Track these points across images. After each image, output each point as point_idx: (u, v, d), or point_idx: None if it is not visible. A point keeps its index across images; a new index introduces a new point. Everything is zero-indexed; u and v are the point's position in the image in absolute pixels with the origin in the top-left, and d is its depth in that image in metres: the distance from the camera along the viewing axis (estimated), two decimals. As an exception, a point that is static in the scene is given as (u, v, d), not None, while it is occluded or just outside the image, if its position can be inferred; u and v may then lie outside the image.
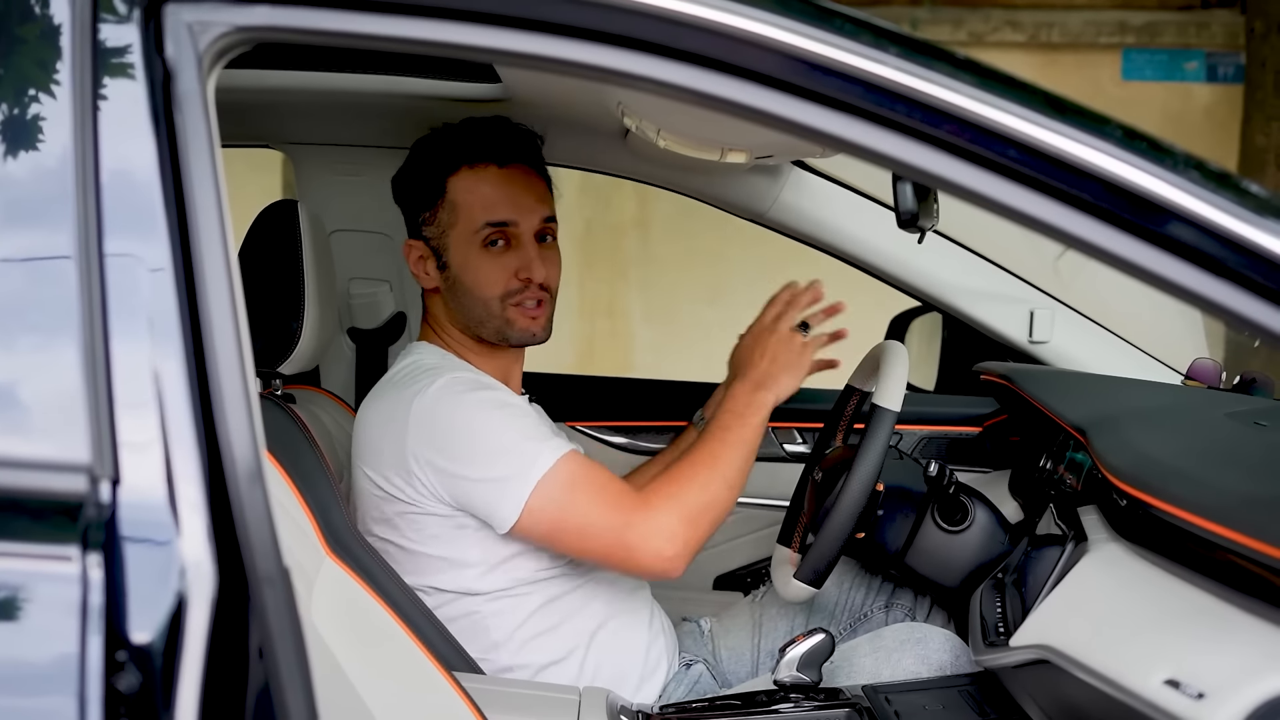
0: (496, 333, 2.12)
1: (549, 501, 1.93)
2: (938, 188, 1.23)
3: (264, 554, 1.09)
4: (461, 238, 2.09)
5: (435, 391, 1.98)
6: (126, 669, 1.03)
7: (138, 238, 1.12)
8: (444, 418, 1.96)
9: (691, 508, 1.97)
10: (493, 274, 2.08)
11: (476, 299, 2.10)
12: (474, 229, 2.08)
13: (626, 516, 1.95)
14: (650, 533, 1.94)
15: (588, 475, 1.99)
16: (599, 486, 1.98)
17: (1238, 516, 1.35)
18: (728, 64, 1.17)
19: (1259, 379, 2.46)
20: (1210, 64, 7.28)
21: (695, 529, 1.97)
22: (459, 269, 2.10)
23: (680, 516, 1.96)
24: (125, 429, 1.08)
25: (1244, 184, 1.19)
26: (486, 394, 2.03)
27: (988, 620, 1.87)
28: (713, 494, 2.00)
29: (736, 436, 2.06)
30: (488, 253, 2.09)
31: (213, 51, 1.17)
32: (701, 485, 1.99)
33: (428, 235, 2.13)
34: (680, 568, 1.97)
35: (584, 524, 1.96)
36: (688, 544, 1.96)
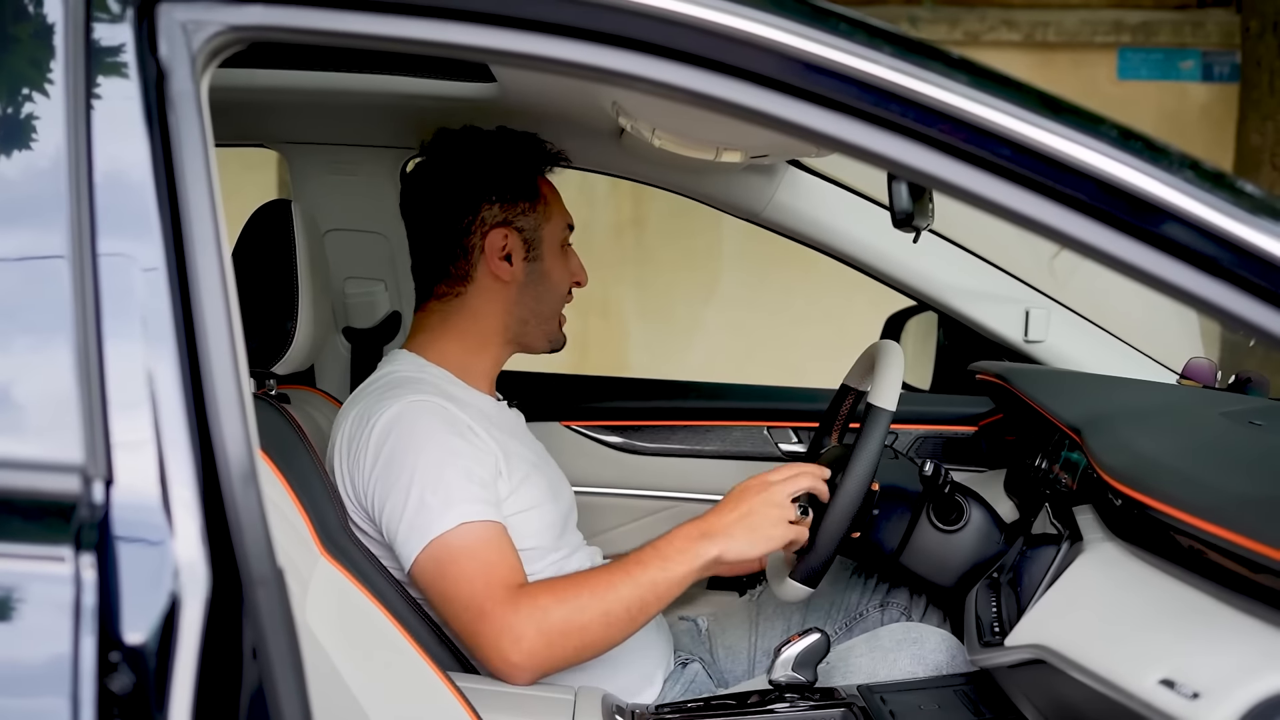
0: (549, 335, 2.20)
1: (432, 565, 1.88)
2: (933, 187, 1.23)
3: (257, 555, 1.09)
4: (552, 234, 2.16)
5: (398, 412, 1.96)
6: (120, 670, 1.02)
7: (131, 237, 1.11)
8: (394, 441, 1.94)
9: (554, 626, 1.83)
10: (564, 274, 2.19)
11: (555, 295, 2.18)
12: (561, 227, 2.18)
13: (487, 607, 1.84)
14: (500, 631, 1.82)
15: (474, 552, 1.88)
16: (480, 567, 1.87)
17: (1233, 516, 1.35)
18: (723, 64, 1.17)
19: (1254, 378, 2.47)
20: (1206, 63, 7.29)
21: (551, 648, 1.83)
22: (550, 263, 2.16)
23: (539, 629, 1.82)
24: (118, 429, 1.08)
25: (1239, 184, 1.19)
26: (441, 433, 1.96)
27: (983, 620, 1.87)
28: (585, 621, 1.84)
29: (649, 576, 1.88)
30: (564, 253, 2.19)
31: (206, 51, 1.17)
32: (578, 608, 1.85)
33: (522, 227, 2.13)
34: (523, 678, 1.84)
35: (450, 598, 1.88)
36: (536, 658, 1.83)
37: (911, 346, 2.88)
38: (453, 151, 2.14)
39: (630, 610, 1.87)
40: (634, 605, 1.87)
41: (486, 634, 1.84)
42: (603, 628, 1.86)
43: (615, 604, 1.86)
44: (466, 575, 1.86)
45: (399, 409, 1.97)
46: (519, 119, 2.18)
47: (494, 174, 2.12)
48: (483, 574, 1.86)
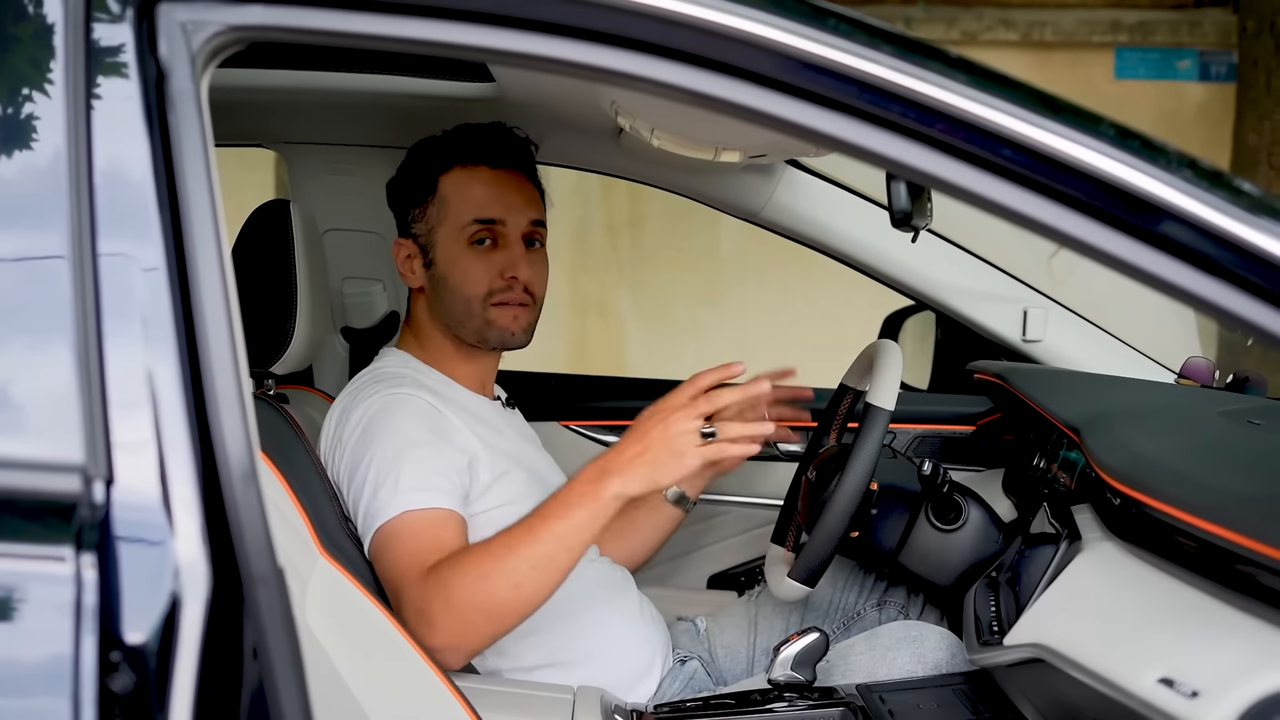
0: (476, 333, 2.11)
1: (377, 551, 1.88)
2: (931, 186, 1.23)
3: (258, 554, 1.09)
4: (449, 235, 2.10)
5: (374, 404, 1.99)
6: (121, 669, 1.03)
7: (131, 237, 1.12)
8: (367, 430, 1.96)
9: (455, 600, 1.77)
10: (477, 272, 2.09)
11: (460, 297, 2.10)
12: (461, 225, 2.09)
13: (402, 589, 1.82)
14: (416, 615, 1.78)
15: (410, 538, 1.85)
16: (408, 552, 1.84)
17: (1232, 515, 1.35)
18: (722, 63, 1.17)
19: (1252, 377, 2.47)
20: (1203, 63, 7.29)
21: (462, 621, 1.77)
22: (445, 266, 2.10)
23: (445, 605, 1.77)
24: (119, 429, 1.08)
25: (1237, 182, 1.19)
26: (412, 424, 1.96)
27: (982, 619, 1.87)
28: (490, 588, 1.77)
29: (553, 530, 1.80)
30: (474, 250, 2.09)
31: (206, 51, 1.17)
32: (477, 578, 1.77)
33: (416, 233, 2.14)
34: (450, 659, 1.78)
35: (387, 583, 1.87)
36: (452, 635, 1.77)
37: (909, 346, 2.88)
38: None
39: (538, 568, 1.79)
40: (541, 562, 1.79)
41: (408, 619, 1.78)
42: (511, 590, 1.78)
43: (520, 564, 1.78)
44: (396, 559, 1.85)
45: (372, 402, 1.99)
46: (517, 118, 2.18)
47: (396, 181, 2.18)
48: (409, 558, 1.83)
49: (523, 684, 1.95)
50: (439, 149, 2.13)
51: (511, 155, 2.14)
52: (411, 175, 2.15)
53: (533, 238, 2.14)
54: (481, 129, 2.15)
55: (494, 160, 2.11)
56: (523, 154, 2.16)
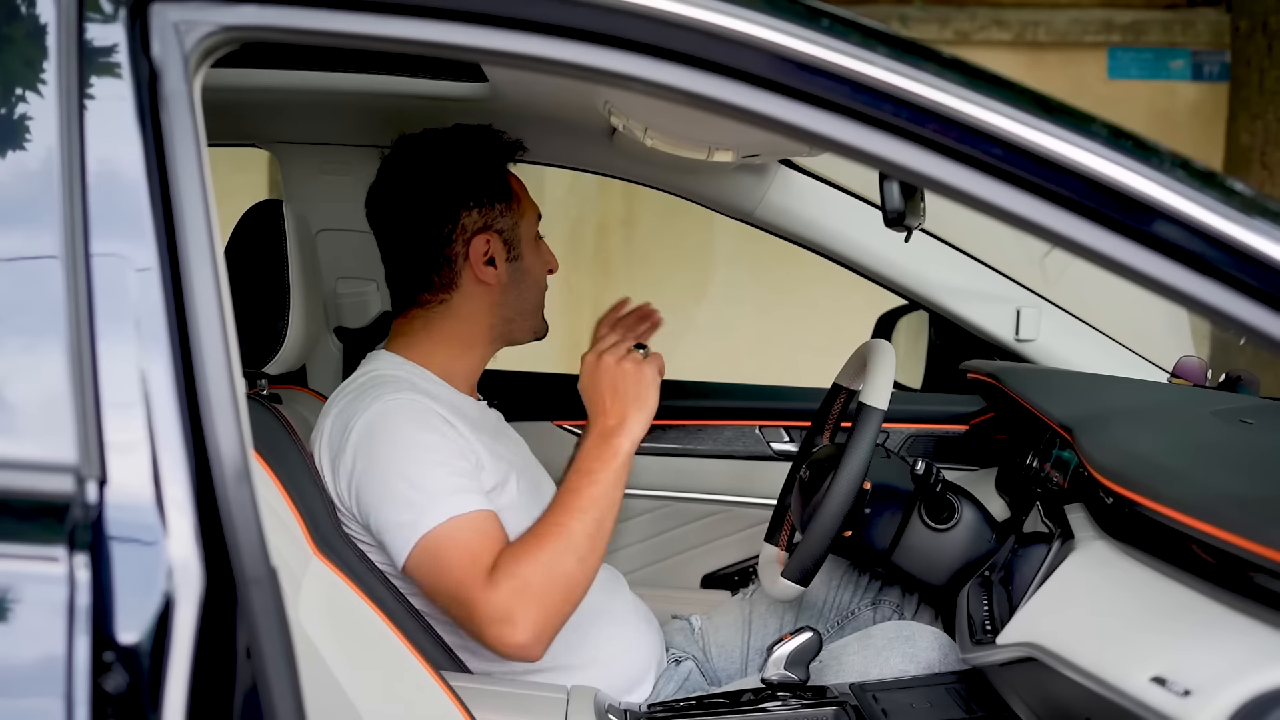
0: (535, 326, 2.20)
1: (425, 559, 1.88)
2: (925, 186, 1.23)
3: (251, 554, 1.09)
4: (528, 229, 2.16)
5: (377, 413, 1.96)
6: (114, 670, 1.02)
7: (124, 237, 1.11)
8: (375, 442, 1.93)
9: (536, 590, 1.83)
10: (541, 266, 2.19)
11: (537, 289, 2.19)
12: (533, 220, 2.18)
13: (471, 596, 1.84)
14: (491, 619, 1.83)
15: (462, 544, 1.87)
16: (467, 559, 1.86)
17: (1225, 514, 1.35)
18: (716, 63, 1.17)
19: (1245, 377, 2.47)
20: (1196, 62, 7.30)
21: (544, 611, 1.84)
22: (530, 259, 2.16)
23: (525, 601, 1.82)
24: (112, 429, 1.08)
25: (1230, 183, 1.19)
26: (421, 430, 1.96)
27: (974, 618, 1.87)
28: (561, 571, 1.86)
29: (587, 499, 1.91)
30: (538, 245, 2.19)
31: (199, 51, 1.17)
32: (547, 564, 1.85)
33: (502, 227, 2.11)
34: (535, 652, 1.84)
35: (440, 592, 1.89)
36: (537, 626, 1.83)
37: (903, 345, 2.88)
38: (420, 160, 2.11)
39: (592, 539, 1.90)
40: (592, 532, 1.90)
41: (481, 624, 1.84)
42: (579, 566, 1.88)
43: (578, 539, 1.88)
44: (454, 566, 1.86)
45: (376, 410, 1.96)
46: (511, 118, 2.18)
47: (468, 178, 2.10)
48: (470, 564, 1.86)
49: (517, 683, 1.95)
50: (503, 146, 2.15)
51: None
52: (482, 170, 2.11)
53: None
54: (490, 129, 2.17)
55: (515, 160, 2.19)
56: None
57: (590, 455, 1.96)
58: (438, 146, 2.12)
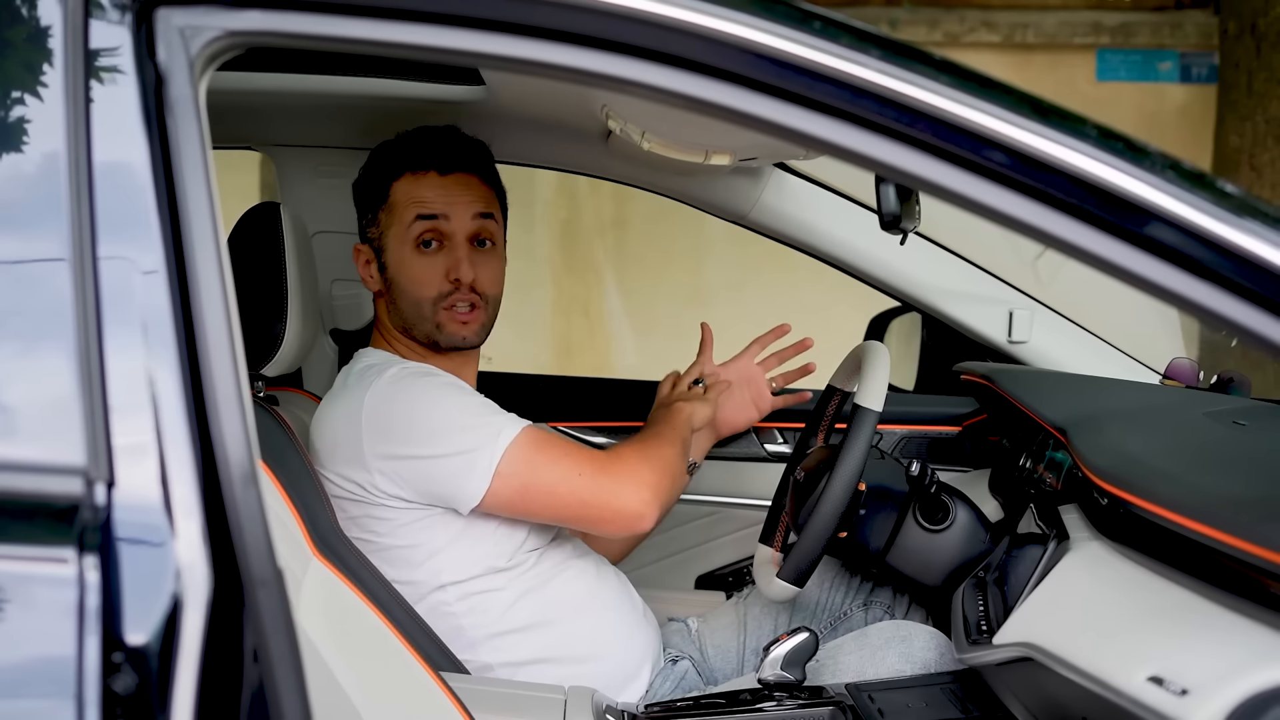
0: (427, 335, 2.14)
1: (519, 465, 1.97)
2: (920, 189, 1.24)
3: (258, 556, 1.10)
4: (397, 238, 2.12)
5: (385, 383, 2.02)
6: (123, 670, 1.03)
7: (131, 240, 1.12)
8: (399, 405, 1.99)
9: (657, 465, 2.10)
10: (424, 274, 2.11)
11: (410, 300, 2.12)
12: (406, 225, 2.10)
13: (596, 468, 2.04)
14: (622, 481, 2.04)
15: (551, 439, 2.06)
16: (563, 448, 2.06)
17: (1220, 515, 1.36)
18: (712, 67, 1.17)
19: (1236, 378, 2.48)
20: (1184, 64, 7.32)
21: (661, 483, 2.08)
22: (395, 270, 2.13)
23: (651, 467, 2.08)
24: (120, 432, 1.08)
25: (1220, 184, 1.20)
26: (437, 378, 2.06)
27: (970, 618, 1.88)
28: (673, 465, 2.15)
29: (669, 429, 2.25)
30: (420, 254, 2.11)
31: (204, 56, 1.17)
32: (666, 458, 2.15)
33: (371, 237, 2.17)
34: (652, 519, 2.06)
35: (554, 482, 2.01)
36: (658, 495, 2.06)
37: (895, 347, 2.89)
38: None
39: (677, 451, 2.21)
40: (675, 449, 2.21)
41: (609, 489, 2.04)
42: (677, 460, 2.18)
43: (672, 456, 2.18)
44: (557, 459, 2.02)
45: (392, 373, 2.02)
46: (507, 121, 2.18)
47: (358, 186, 2.20)
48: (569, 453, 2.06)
49: (515, 684, 1.96)
50: (392, 155, 2.14)
51: (463, 159, 2.14)
52: (367, 180, 2.18)
53: (481, 237, 2.14)
54: (433, 134, 2.15)
55: (443, 165, 2.12)
56: (474, 156, 2.16)
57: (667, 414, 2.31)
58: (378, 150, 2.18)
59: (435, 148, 2.13)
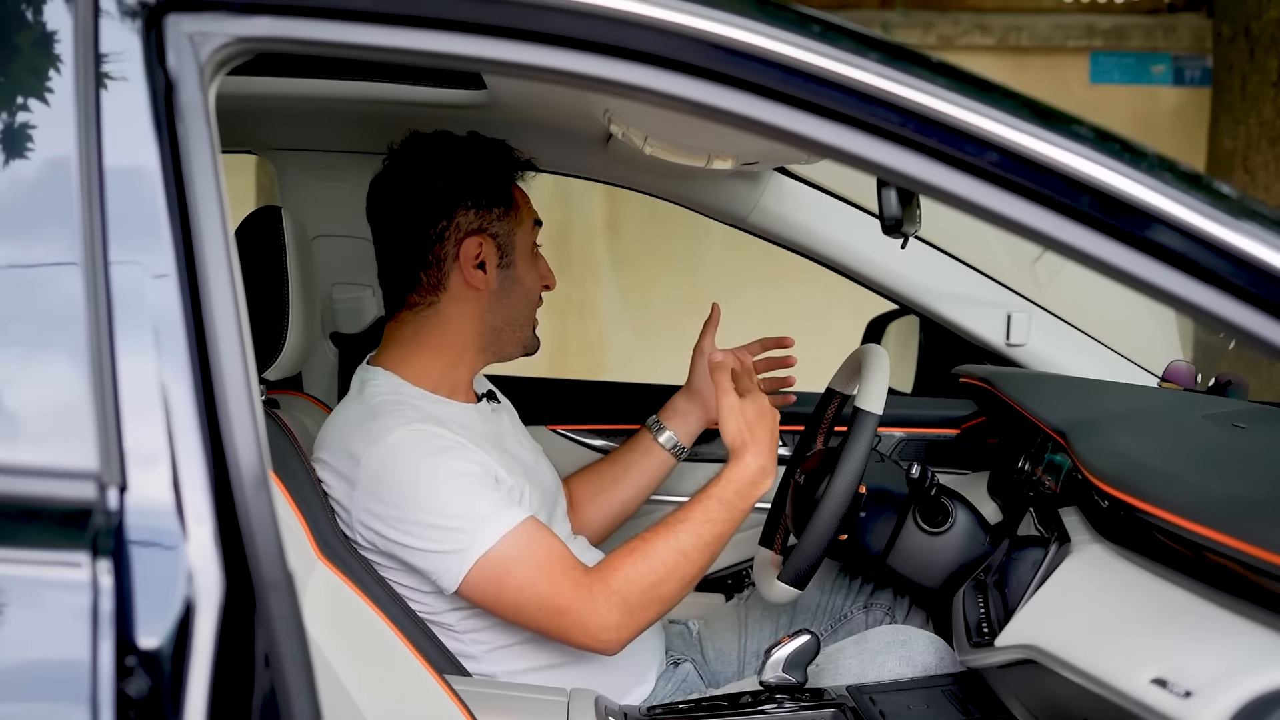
0: (523, 341, 2.17)
1: (487, 580, 1.89)
2: (921, 192, 1.24)
3: (269, 560, 1.10)
4: (524, 240, 2.14)
5: (388, 448, 1.93)
6: (136, 674, 1.03)
7: (142, 245, 1.12)
8: (393, 480, 1.93)
9: (635, 602, 1.93)
10: (535, 279, 2.17)
11: (528, 301, 2.15)
12: (529, 230, 2.15)
13: (561, 603, 1.90)
14: (584, 620, 1.91)
15: (530, 551, 1.91)
16: (540, 564, 1.91)
17: (1221, 517, 1.37)
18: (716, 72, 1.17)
19: (1234, 381, 2.49)
20: (1177, 67, 7.34)
21: (634, 618, 1.94)
22: (523, 269, 2.13)
23: (622, 609, 1.92)
24: (132, 436, 1.08)
25: (1216, 185, 1.21)
26: (440, 460, 1.94)
27: (971, 621, 1.89)
28: (664, 593, 1.96)
29: (720, 531, 2.00)
30: (534, 257, 2.17)
31: (214, 62, 1.17)
32: (655, 583, 1.94)
33: (497, 232, 2.09)
34: (615, 649, 1.95)
35: (519, 601, 1.91)
36: (623, 630, 1.93)
37: (894, 350, 2.89)
38: (425, 157, 2.09)
39: (703, 568, 2.00)
40: (706, 562, 2.00)
41: (571, 627, 1.91)
42: (681, 591, 1.98)
43: (690, 569, 1.97)
44: (527, 581, 1.89)
45: (386, 445, 1.93)
46: (509, 125, 2.19)
47: (470, 180, 2.08)
48: (543, 574, 1.90)
49: (518, 686, 1.96)
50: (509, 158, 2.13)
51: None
52: (486, 174, 2.10)
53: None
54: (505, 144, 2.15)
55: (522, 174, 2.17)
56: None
57: (741, 491, 2.02)
58: (445, 146, 2.10)
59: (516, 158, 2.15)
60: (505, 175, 2.13)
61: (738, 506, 2.00)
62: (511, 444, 2.21)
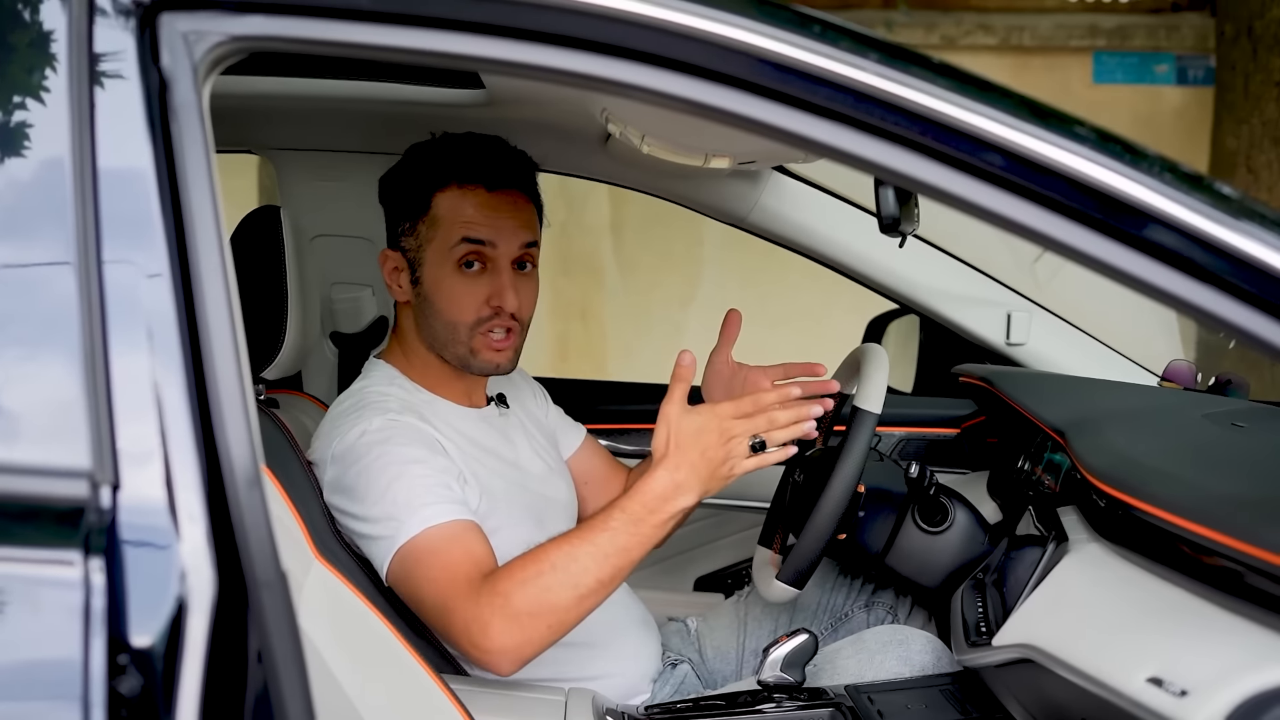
0: (459, 359, 2.05)
1: (402, 571, 1.86)
2: (919, 192, 1.24)
3: (262, 559, 1.10)
4: (438, 254, 2.01)
5: (355, 437, 1.93)
6: (128, 672, 1.03)
7: (135, 244, 1.12)
8: (353, 467, 1.92)
9: (520, 609, 1.75)
10: (464, 298, 2.01)
11: (445, 321, 2.03)
12: (450, 245, 2.00)
13: (450, 604, 1.80)
14: (467, 624, 1.78)
15: (447, 549, 1.84)
16: (450, 564, 1.83)
17: (1219, 517, 1.36)
18: (714, 72, 1.17)
19: (1234, 380, 2.49)
20: (1180, 67, 7.33)
21: (523, 630, 1.76)
22: (431, 287, 2.02)
23: (504, 615, 1.75)
24: (125, 435, 1.09)
25: (1218, 186, 1.21)
26: (398, 449, 1.91)
27: (969, 620, 1.89)
28: (554, 601, 1.76)
29: (619, 542, 1.78)
30: (462, 275, 2.01)
31: (208, 61, 1.17)
32: (542, 588, 1.76)
33: (405, 246, 2.05)
34: (504, 665, 1.77)
35: (420, 600, 1.87)
36: (508, 642, 1.76)
37: (893, 349, 2.89)
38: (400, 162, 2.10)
39: (601, 580, 1.77)
40: (605, 574, 1.77)
41: (456, 628, 1.80)
42: (574, 601, 1.77)
43: (584, 576, 1.76)
44: (431, 576, 1.83)
45: (355, 433, 1.93)
46: (507, 125, 2.18)
47: (392, 189, 2.08)
48: (446, 573, 1.82)
49: (516, 685, 1.95)
50: (437, 163, 2.03)
51: (510, 174, 2.04)
52: (405, 186, 2.06)
53: (524, 260, 2.05)
54: (480, 144, 2.05)
55: (491, 181, 2.01)
56: (523, 172, 2.07)
57: (655, 496, 1.79)
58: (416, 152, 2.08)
59: (484, 160, 2.02)
60: (424, 183, 2.03)
61: (645, 520, 1.78)
62: (514, 451, 2.18)
